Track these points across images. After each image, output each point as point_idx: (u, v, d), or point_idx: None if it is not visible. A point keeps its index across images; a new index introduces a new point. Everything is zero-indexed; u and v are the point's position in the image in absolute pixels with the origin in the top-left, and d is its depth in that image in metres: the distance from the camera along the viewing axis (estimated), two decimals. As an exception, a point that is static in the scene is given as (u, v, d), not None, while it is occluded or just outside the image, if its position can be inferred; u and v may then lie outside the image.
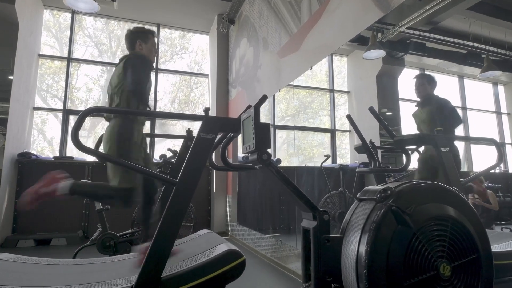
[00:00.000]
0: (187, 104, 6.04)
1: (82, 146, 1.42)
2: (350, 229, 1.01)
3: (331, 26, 2.44)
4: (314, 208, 1.08)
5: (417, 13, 2.31)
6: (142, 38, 2.29)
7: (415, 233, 0.93)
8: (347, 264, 0.95)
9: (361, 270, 0.89)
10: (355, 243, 0.95)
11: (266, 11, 3.77)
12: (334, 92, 4.09)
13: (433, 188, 1.04)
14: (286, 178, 1.12)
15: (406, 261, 0.92)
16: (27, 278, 1.58)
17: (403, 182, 1.04)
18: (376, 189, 1.02)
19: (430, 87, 2.51)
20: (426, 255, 0.94)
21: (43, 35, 5.08)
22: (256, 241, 3.57)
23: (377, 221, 0.91)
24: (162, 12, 5.11)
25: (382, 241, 0.91)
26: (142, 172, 1.89)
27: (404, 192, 0.99)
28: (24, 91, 4.31)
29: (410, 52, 2.84)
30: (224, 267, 1.62)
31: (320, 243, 1.01)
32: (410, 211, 0.92)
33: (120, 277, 1.64)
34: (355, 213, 1.05)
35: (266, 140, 1.08)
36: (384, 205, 0.93)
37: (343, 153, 3.96)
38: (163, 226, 1.47)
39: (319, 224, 1.05)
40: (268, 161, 1.08)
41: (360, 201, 1.08)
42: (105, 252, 2.73)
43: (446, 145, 2.10)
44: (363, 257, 0.90)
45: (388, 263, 0.89)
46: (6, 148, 3.83)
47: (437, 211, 0.97)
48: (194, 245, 2.03)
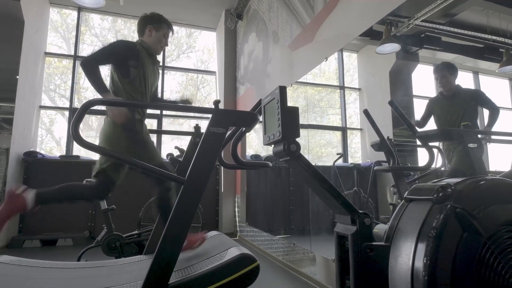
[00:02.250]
0: (194, 103, 5.96)
1: (82, 141, 1.30)
2: (400, 236, 0.82)
3: (348, 14, 2.29)
4: (353, 210, 0.90)
5: (433, 5, 2.17)
6: (154, 25, 2.18)
7: (486, 242, 0.75)
8: (397, 280, 0.77)
9: (418, 287, 0.72)
10: (408, 255, 0.77)
11: (277, 3, 3.63)
12: (344, 89, 3.95)
13: (503, 185, 0.85)
14: (319, 173, 0.95)
15: (476, 277, 0.74)
16: (27, 283, 1.47)
17: (464, 179, 0.86)
18: (431, 187, 0.84)
19: (454, 78, 2.36)
20: (500, 270, 0.76)
21: (51, 36, 5.02)
22: (266, 243, 3.44)
23: (437, 227, 0.73)
24: (168, 8, 5.01)
25: (445, 252, 0.71)
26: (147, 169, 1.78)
27: (468, 191, 0.79)
28: (30, 90, 4.25)
29: (425, 46, 2.70)
30: (236, 273, 1.49)
31: (362, 253, 0.84)
32: (479, 214, 0.75)
33: (125, 283, 1.52)
34: (404, 217, 0.86)
35: (294, 127, 0.91)
36: (444, 207, 0.76)
37: (353, 152, 3.82)
38: (171, 228, 1.34)
39: (360, 230, 0.87)
40: (297, 153, 0.91)
41: (410, 201, 0.90)
42: (111, 254, 2.62)
43: (475, 141, 1.94)
44: (421, 272, 0.71)
45: (453, 279, 0.71)
46: (12, 147, 3.76)
47: (510, 214, 0.79)
48: (204, 248, 1.91)
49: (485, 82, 2.88)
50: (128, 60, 2.03)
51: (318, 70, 2.85)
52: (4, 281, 1.48)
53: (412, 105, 2.93)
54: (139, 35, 2.23)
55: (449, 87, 2.34)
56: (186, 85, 5.98)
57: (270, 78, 3.76)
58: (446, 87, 2.35)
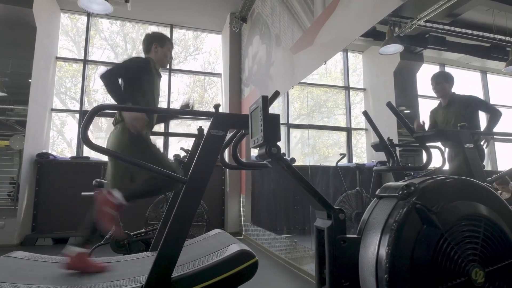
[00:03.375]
0: (201, 105, 6.06)
1: (91, 144, 1.40)
2: (369, 229, 0.92)
3: (346, 18, 2.35)
4: (328, 206, 1.00)
5: (436, 5, 2.20)
6: (159, 42, 2.31)
7: (443, 234, 0.83)
8: (365, 268, 0.86)
9: (381, 274, 0.81)
10: (375, 245, 0.86)
11: (279, 7, 3.70)
12: (349, 89, 3.99)
13: (463, 184, 0.93)
14: (298, 173, 1.04)
15: (433, 266, 0.82)
16: (38, 276, 1.58)
17: (429, 178, 0.94)
18: (397, 185, 0.93)
19: (449, 85, 2.41)
20: (456, 259, 0.83)
21: (62, 40, 5.19)
22: (270, 242, 3.51)
23: (399, 221, 0.82)
24: (175, 12, 5.13)
25: (405, 242, 0.81)
26: (152, 170, 1.87)
27: (430, 189, 0.89)
28: (42, 93, 4.41)
29: (429, 46, 2.72)
30: (236, 268, 1.57)
31: (336, 244, 0.93)
32: (437, 209, 0.83)
33: (131, 276, 1.62)
34: (374, 212, 0.96)
35: (275, 132, 1.00)
36: (407, 203, 0.85)
37: (359, 152, 3.85)
38: (173, 225, 1.43)
39: (334, 224, 0.96)
40: (278, 155, 1.00)
41: (380, 198, 0.99)
42: (119, 251, 2.73)
43: (471, 142, 1.98)
44: (383, 260, 0.81)
45: (412, 267, 0.80)
46: (25, 149, 3.92)
47: (468, 210, 0.86)
48: (206, 245, 1.99)
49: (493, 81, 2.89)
50: (143, 75, 2.17)
51: (324, 70, 2.90)
52: (18, 274, 1.59)
53: (417, 105, 2.96)
54: (145, 53, 2.36)
55: (444, 95, 2.39)
56: (193, 86, 6.07)
57: (273, 80, 3.84)
58: (441, 94, 2.40)
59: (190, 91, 6.04)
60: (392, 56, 2.79)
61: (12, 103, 4.04)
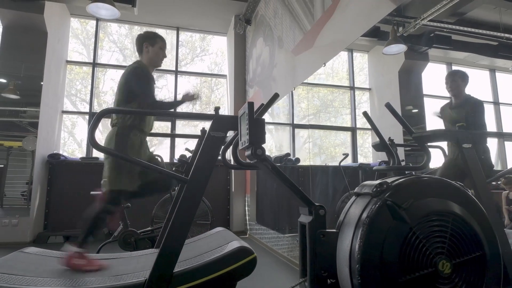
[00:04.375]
0: (208, 105, 6.13)
1: (98, 146, 1.49)
2: (346, 224, 0.99)
3: (344, 21, 2.40)
4: (309, 203, 1.07)
5: (440, 5, 2.21)
6: (149, 41, 2.38)
7: (411, 228, 0.90)
8: (341, 259, 0.93)
9: (354, 265, 0.87)
10: (349, 238, 0.93)
11: (281, 10, 3.76)
12: (354, 89, 4.01)
13: (435, 182, 1.00)
14: (281, 173, 1.12)
15: (401, 257, 0.89)
16: (47, 270, 1.68)
17: (403, 176, 1.01)
18: (372, 184, 1.00)
19: (464, 84, 2.42)
20: (424, 251, 0.90)
21: (72, 43, 5.34)
22: (273, 240, 3.58)
23: (371, 216, 0.89)
24: (180, 15, 5.23)
25: (376, 236, 0.88)
26: (155, 170, 1.95)
27: (402, 187, 0.96)
28: (53, 96, 4.56)
29: (434, 45, 2.73)
30: (235, 264, 1.64)
31: (316, 238, 1.00)
32: (407, 205, 0.89)
33: (136, 271, 1.70)
34: (351, 208, 1.03)
35: (260, 135, 1.08)
36: (379, 200, 0.91)
37: (366, 152, 3.87)
38: (175, 223, 1.51)
39: (315, 219, 1.04)
40: (262, 156, 1.08)
41: (358, 196, 1.06)
42: (126, 248, 2.83)
43: (469, 142, 2.01)
44: (356, 252, 0.88)
45: (382, 258, 0.87)
46: (37, 150, 4.06)
47: (438, 206, 0.93)
48: (207, 242, 2.07)
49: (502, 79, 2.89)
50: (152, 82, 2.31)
51: (331, 70, 2.93)
52: (30, 267, 1.69)
53: (423, 104, 2.97)
54: (138, 54, 2.43)
55: (458, 94, 2.40)
56: (200, 87, 6.16)
57: (275, 82, 3.90)
58: (453, 91, 2.41)
59: (197, 91, 6.12)
60: (397, 55, 2.81)
61: (25, 105, 4.19)
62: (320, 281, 0.98)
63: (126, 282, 1.53)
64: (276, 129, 4.95)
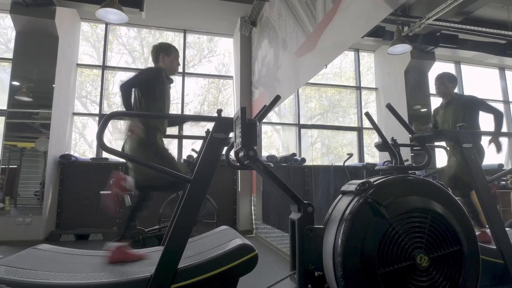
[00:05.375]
0: (216, 106, 6.21)
1: (106, 147, 1.56)
2: (331, 220, 1.05)
3: (344, 24, 2.44)
4: (298, 201, 1.12)
5: (445, 4, 2.22)
6: (165, 51, 2.50)
7: (391, 224, 0.95)
8: (326, 253, 0.98)
9: (337, 258, 0.93)
10: (333, 233, 0.98)
11: (285, 12, 3.81)
12: (361, 89, 4.02)
13: (416, 182, 1.05)
14: (272, 173, 1.18)
15: (381, 251, 0.94)
16: (59, 265, 1.76)
17: (386, 176, 1.05)
18: (356, 182, 1.05)
19: (452, 86, 2.44)
20: (403, 246, 0.95)
21: (83, 46, 5.48)
22: (278, 239, 3.63)
23: (353, 212, 0.94)
24: (187, 18, 5.32)
25: (357, 231, 0.94)
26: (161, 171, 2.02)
27: (384, 185, 1.01)
28: (64, 98, 4.69)
29: (440, 45, 2.72)
30: (236, 261, 1.70)
31: (304, 234, 1.05)
32: (387, 203, 0.94)
33: (142, 267, 1.78)
34: (337, 206, 1.08)
35: (252, 138, 1.14)
36: (361, 197, 0.96)
37: (373, 152, 3.88)
38: (179, 221, 1.57)
39: (303, 216, 1.09)
40: (254, 157, 1.14)
41: (343, 194, 1.12)
42: (134, 246, 2.91)
43: (469, 141, 2.03)
44: (338, 246, 0.94)
45: (362, 252, 0.92)
46: (49, 151, 4.19)
47: (417, 204, 0.98)
48: (211, 240, 2.13)
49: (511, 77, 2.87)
50: (155, 84, 2.36)
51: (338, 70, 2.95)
52: (42, 263, 1.78)
53: (429, 104, 2.97)
54: (154, 63, 2.56)
55: (446, 95, 2.43)
56: (208, 88, 6.23)
57: (280, 83, 3.95)
58: (443, 93, 2.44)
59: (205, 92, 6.20)
60: (403, 55, 2.82)
61: (37, 107, 4.33)
62: (308, 274, 1.04)
63: (133, 277, 1.60)
64: (283, 129, 4.99)
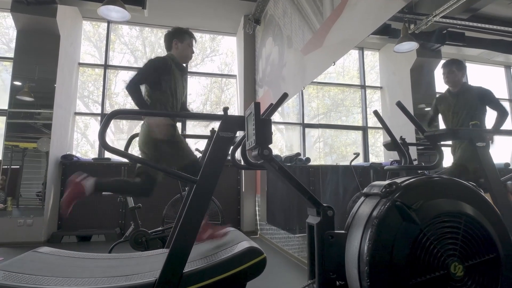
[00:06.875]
0: (218, 105, 6.16)
1: (108, 147, 1.50)
2: (354, 225, 0.97)
3: (353, 20, 2.37)
4: (317, 204, 1.05)
5: (452, 1, 2.17)
6: (178, 37, 2.39)
7: (422, 230, 0.87)
8: (350, 261, 0.91)
9: (363, 267, 0.85)
10: (358, 240, 0.91)
11: (290, 9, 3.74)
12: (365, 88, 3.96)
13: (446, 183, 0.97)
14: (288, 173, 1.10)
15: (411, 259, 0.85)
16: (60, 270, 1.70)
17: (413, 177, 0.98)
18: (381, 184, 0.98)
19: (461, 74, 2.35)
20: (435, 253, 0.87)
21: (85, 45, 5.43)
22: (284, 241, 3.56)
23: (380, 217, 0.86)
24: (190, 16, 5.26)
25: (385, 237, 0.86)
26: (164, 171, 1.96)
27: (412, 187, 0.93)
28: (65, 98, 4.64)
29: (447, 42, 2.67)
30: (244, 264, 1.63)
31: (324, 239, 0.98)
32: (417, 206, 0.87)
33: (146, 271, 1.72)
34: (360, 209, 1.01)
35: (267, 136, 1.07)
36: (388, 200, 0.89)
37: (378, 151, 3.82)
38: (185, 223, 1.51)
39: (323, 220, 1.02)
40: (269, 157, 1.06)
41: (366, 196, 1.04)
42: (138, 248, 2.86)
43: (483, 140, 1.96)
44: (364, 253, 0.86)
45: (391, 260, 0.84)
46: (51, 151, 4.14)
47: (449, 207, 0.90)
48: (217, 242, 2.07)
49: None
50: (162, 76, 2.26)
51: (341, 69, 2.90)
52: (43, 267, 1.72)
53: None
54: (167, 50, 2.45)
55: (455, 83, 2.33)
56: (211, 87, 6.18)
57: (285, 81, 3.88)
58: (452, 82, 2.34)
59: (207, 92, 6.16)
60: (408, 53, 2.76)
61: (39, 107, 4.28)
62: (328, 283, 0.97)
63: (136, 282, 1.54)
64: (286, 129, 4.93)
